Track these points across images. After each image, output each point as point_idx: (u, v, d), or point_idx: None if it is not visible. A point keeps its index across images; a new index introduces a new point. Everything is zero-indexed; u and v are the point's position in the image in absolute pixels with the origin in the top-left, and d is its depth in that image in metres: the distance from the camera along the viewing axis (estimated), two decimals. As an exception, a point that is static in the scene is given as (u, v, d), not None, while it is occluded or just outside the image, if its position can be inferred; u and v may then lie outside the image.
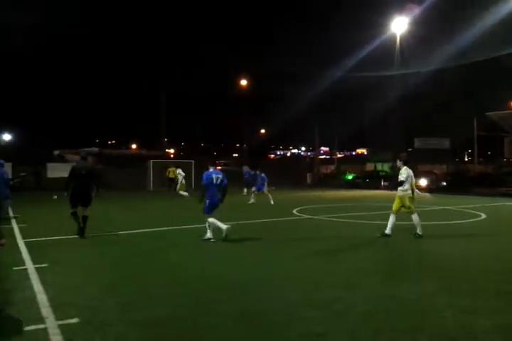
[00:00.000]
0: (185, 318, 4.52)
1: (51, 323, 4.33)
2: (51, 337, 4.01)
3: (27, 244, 8.54)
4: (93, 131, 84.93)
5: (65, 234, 9.83)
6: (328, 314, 4.60)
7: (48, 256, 7.50)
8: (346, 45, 56.81)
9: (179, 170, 21.53)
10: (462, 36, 33.68)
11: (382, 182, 32.35)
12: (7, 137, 55.02)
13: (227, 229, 8.75)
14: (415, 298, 5.15)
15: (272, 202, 18.05)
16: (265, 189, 18.91)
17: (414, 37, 32.04)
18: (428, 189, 26.45)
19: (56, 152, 49.26)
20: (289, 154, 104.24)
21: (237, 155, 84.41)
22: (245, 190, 24.12)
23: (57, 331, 4.12)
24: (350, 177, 36.99)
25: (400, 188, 9.27)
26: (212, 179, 8.79)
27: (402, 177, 9.15)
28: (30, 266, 6.77)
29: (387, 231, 9.25)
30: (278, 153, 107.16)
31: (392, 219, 9.27)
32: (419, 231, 9.25)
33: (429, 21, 34.93)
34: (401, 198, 9.24)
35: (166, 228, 10.97)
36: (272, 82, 68.13)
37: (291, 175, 37.57)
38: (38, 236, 9.56)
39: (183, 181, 20.95)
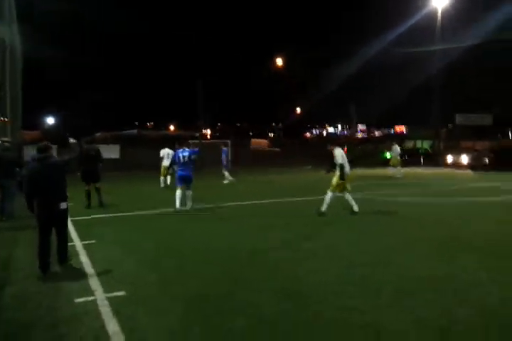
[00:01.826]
0: (227, 295, 4.64)
1: (100, 296, 4.61)
2: (100, 308, 4.27)
3: (73, 222, 8.93)
4: (132, 113, 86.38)
5: (108, 213, 10.27)
6: (363, 290, 4.68)
7: (94, 234, 7.90)
8: (383, 20, 54.92)
9: (165, 150, 16.69)
10: (505, 9, 32.05)
11: (422, 160, 32.51)
12: (50, 120, 56.64)
13: (177, 209, 10.34)
14: (455, 275, 5.11)
15: (226, 182, 18.53)
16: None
17: (455, 10, 30.70)
18: (470, 166, 25.82)
19: (97, 134, 50.50)
20: (325, 133, 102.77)
21: (272, 135, 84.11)
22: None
23: (106, 303, 4.39)
24: (388, 155, 36.38)
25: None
26: (179, 157, 10.45)
27: (339, 160, 9.38)
28: (77, 243, 7.15)
29: (323, 208, 9.59)
30: (314, 131, 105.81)
31: (329, 196, 9.68)
32: (355, 209, 9.66)
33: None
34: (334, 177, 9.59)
35: (209, 205, 11.19)
36: (307, 60, 66.93)
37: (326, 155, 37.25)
38: (84, 214, 10.01)
39: (166, 163, 15.76)
